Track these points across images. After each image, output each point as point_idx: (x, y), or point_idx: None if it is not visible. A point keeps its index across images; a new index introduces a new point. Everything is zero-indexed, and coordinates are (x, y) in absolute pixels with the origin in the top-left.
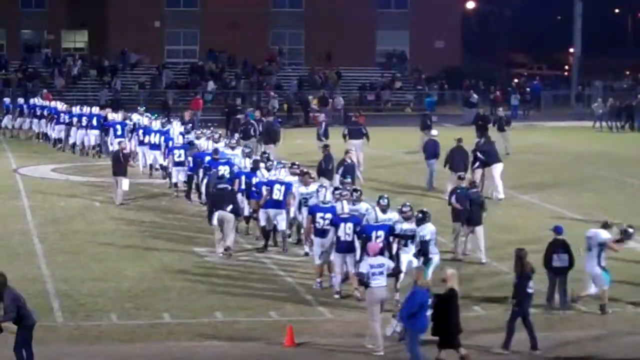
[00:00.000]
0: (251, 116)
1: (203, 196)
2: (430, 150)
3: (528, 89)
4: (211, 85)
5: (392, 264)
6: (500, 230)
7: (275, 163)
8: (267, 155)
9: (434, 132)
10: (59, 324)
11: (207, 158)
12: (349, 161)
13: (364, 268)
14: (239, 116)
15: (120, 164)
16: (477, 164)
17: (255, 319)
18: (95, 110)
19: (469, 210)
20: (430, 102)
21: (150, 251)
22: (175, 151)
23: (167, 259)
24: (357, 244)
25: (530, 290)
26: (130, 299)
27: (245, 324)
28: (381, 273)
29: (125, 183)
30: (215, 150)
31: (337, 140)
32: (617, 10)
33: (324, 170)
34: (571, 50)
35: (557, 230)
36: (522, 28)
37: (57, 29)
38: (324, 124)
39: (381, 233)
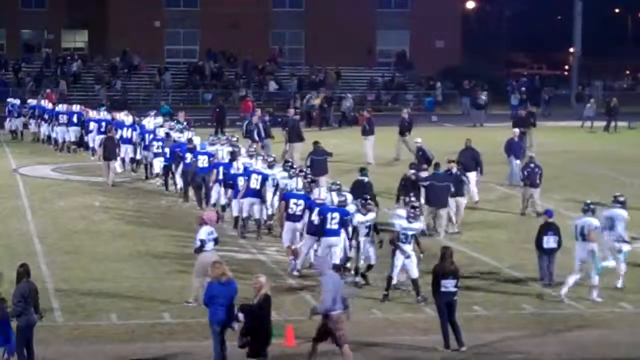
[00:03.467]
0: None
1: (179, 185)
2: (515, 148)
3: (524, 88)
4: (273, 85)
5: (216, 234)
6: (500, 229)
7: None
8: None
9: (515, 130)
10: (59, 324)
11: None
12: (455, 171)
13: (202, 235)
14: (291, 116)
15: (111, 148)
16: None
17: None
18: (76, 107)
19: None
20: (430, 102)
21: (150, 251)
22: (154, 143)
23: (167, 258)
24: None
25: (443, 289)
26: (130, 299)
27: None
28: (212, 240)
29: (117, 165)
30: (190, 140)
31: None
32: (617, 10)
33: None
34: (571, 50)
35: (548, 213)
36: (522, 28)
37: (57, 29)
38: (260, 124)
39: (336, 215)
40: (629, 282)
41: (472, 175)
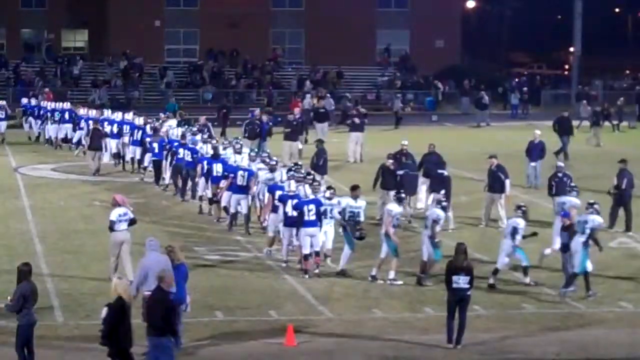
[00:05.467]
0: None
1: (167, 179)
2: (532, 150)
3: (525, 88)
4: (308, 85)
5: (132, 215)
6: (501, 229)
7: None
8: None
9: (537, 132)
10: (59, 323)
11: (176, 143)
12: (494, 168)
13: (113, 216)
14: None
15: (97, 139)
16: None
17: (255, 318)
18: (67, 105)
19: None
20: (430, 102)
21: None
22: (147, 138)
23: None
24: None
25: (455, 285)
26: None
27: (245, 323)
28: (125, 220)
29: (104, 156)
30: (183, 135)
31: None
32: (617, 10)
33: (316, 165)
34: (571, 49)
35: (565, 214)
36: (522, 28)
37: (57, 29)
38: (209, 125)
39: (312, 207)
40: (628, 282)
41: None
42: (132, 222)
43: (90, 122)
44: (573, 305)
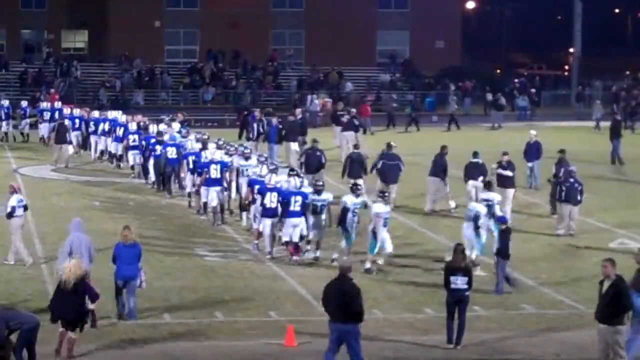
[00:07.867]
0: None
1: (151, 175)
2: (528, 150)
3: (534, 90)
4: (350, 86)
5: (25, 202)
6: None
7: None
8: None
9: (532, 132)
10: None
11: (153, 140)
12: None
13: (13, 202)
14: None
15: (62, 134)
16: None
17: (255, 319)
18: (58, 105)
19: None
20: (430, 102)
21: (150, 251)
22: (130, 136)
23: (167, 259)
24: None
25: (453, 286)
26: None
27: (245, 324)
28: (22, 206)
29: (70, 148)
30: (159, 132)
31: None
32: (617, 10)
33: (319, 163)
34: (571, 50)
35: (503, 219)
36: (522, 28)
37: (57, 29)
38: (255, 125)
39: (299, 198)
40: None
41: (439, 183)
42: (25, 207)
43: (77, 121)
44: (573, 305)
